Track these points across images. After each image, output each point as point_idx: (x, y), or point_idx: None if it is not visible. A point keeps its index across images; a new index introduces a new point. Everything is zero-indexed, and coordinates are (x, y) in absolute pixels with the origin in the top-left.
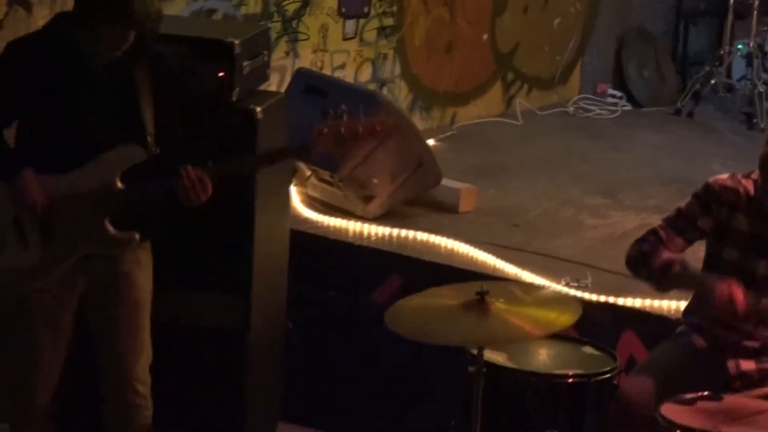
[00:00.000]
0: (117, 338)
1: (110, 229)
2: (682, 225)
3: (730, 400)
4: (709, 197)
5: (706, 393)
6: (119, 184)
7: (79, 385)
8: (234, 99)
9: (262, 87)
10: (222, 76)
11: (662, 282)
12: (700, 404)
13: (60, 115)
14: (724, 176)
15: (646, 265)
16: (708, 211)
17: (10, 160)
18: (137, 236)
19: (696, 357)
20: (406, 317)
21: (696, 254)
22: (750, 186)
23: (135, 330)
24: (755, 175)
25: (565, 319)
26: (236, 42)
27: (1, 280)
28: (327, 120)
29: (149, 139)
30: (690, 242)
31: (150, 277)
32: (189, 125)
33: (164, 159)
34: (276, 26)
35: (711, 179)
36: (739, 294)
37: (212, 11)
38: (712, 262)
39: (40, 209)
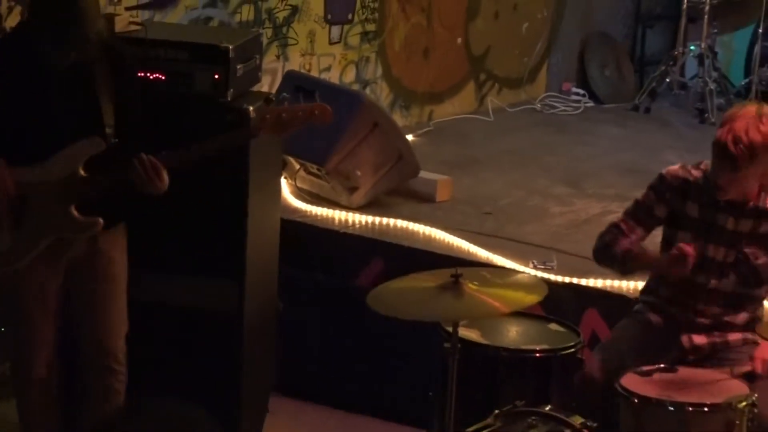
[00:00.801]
0: (96, 311)
1: (75, 214)
2: (640, 215)
3: (683, 371)
4: (662, 187)
5: (662, 365)
6: (82, 173)
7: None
8: (229, 99)
9: (255, 88)
10: (218, 78)
11: (625, 266)
12: (656, 376)
13: (27, 112)
14: (676, 167)
15: (610, 255)
16: (662, 200)
17: None
18: (101, 221)
19: (652, 333)
20: (387, 298)
21: None
22: (699, 175)
23: (113, 303)
24: (704, 166)
25: (531, 298)
26: (231, 47)
27: None
28: (269, 107)
29: (108, 131)
30: (649, 230)
31: (125, 256)
32: (181, 120)
33: (125, 149)
34: (267, 32)
35: (664, 170)
36: (688, 248)
37: (209, 19)
38: (667, 247)
39: (10, 197)
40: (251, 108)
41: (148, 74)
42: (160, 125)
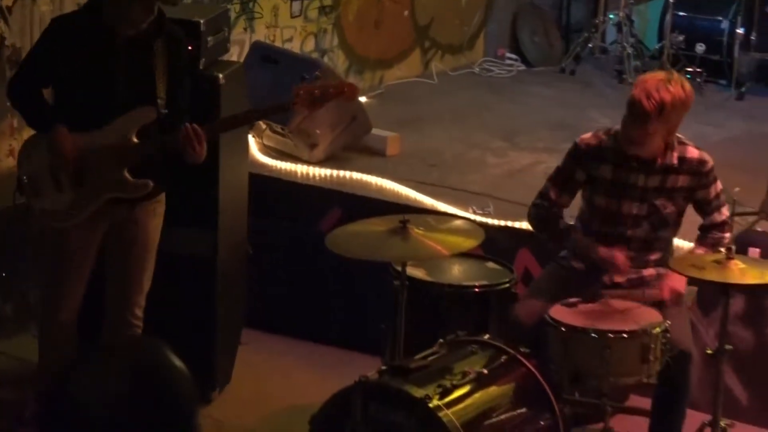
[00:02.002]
0: (125, 273)
1: (128, 177)
2: (563, 181)
3: (605, 303)
4: (578, 153)
5: (585, 298)
6: (135, 140)
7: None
8: (201, 68)
9: (224, 57)
10: (191, 49)
11: (562, 243)
12: (581, 307)
13: (90, 82)
14: (588, 135)
15: (548, 230)
16: (579, 165)
17: (48, 116)
18: (151, 184)
19: (575, 275)
20: (344, 241)
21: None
22: (610, 140)
23: (142, 266)
24: (613, 131)
25: (469, 243)
26: (202, 21)
27: (41, 219)
28: (303, 83)
29: (160, 102)
30: (573, 194)
31: (160, 225)
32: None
33: (173, 120)
34: (236, 7)
35: (578, 139)
36: (619, 258)
37: None
38: (587, 209)
39: (72, 160)
40: (221, 75)
41: None
42: None
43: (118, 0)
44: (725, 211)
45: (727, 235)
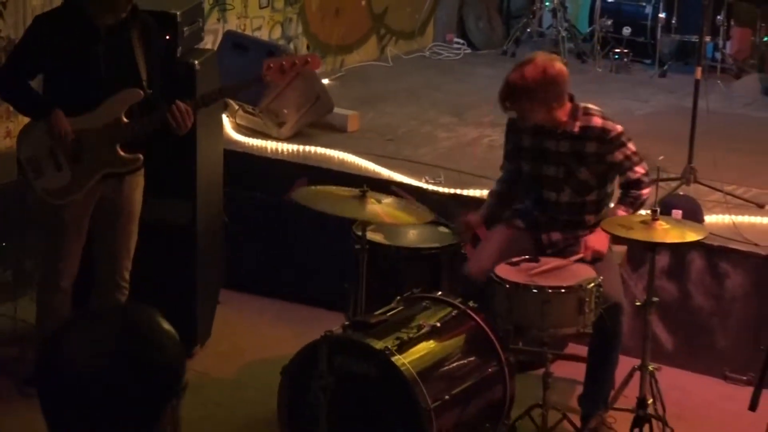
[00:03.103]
0: (115, 239)
1: (121, 153)
2: (507, 154)
3: (544, 260)
4: (508, 128)
5: (527, 257)
6: (125, 119)
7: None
8: (178, 55)
9: (199, 46)
10: (169, 38)
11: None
12: (523, 265)
13: (79, 69)
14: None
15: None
16: (510, 137)
17: (43, 103)
18: (141, 157)
19: (519, 234)
20: (309, 196)
21: None
22: None
23: (129, 233)
24: None
25: (412, 219)
26: (178, 13)
27: (43, 197)
28: (272, 58)
29: (144, 83)
30: (515, 161)
31: (141, 195)
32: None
33: (155, 98)
34: (209, 0)
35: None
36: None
37: None
38: (519, 176)
39: (69, 139)
40: (196, 62)
41: None
42: None
43: (95, 7)
44: (639, 170)
45: (645, 191)
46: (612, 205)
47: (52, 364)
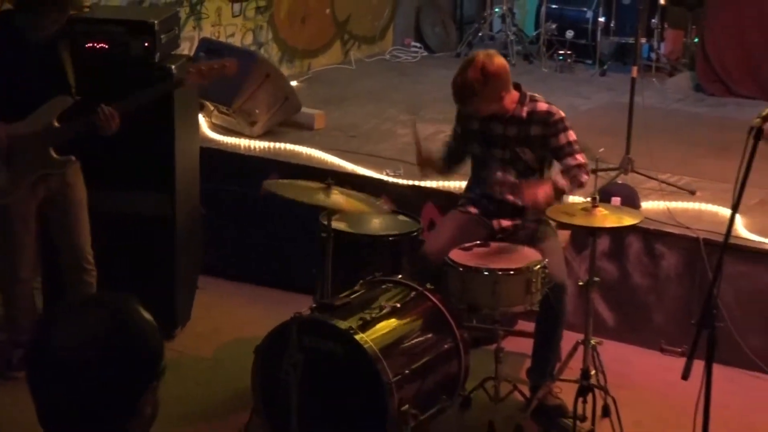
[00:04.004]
0: (71, 227)
1: (54, 155)
2: (454, 134)
3: (494, 245)
4: (459, 114)
5: (479, 242)
6: (56, 124)
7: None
8: (156, 60)
9: (176, 52)
10: (147, 45)
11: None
12: (476, 250)
13: (11, 80)
14: None
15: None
16: (460, 120)
17: None
18: (73, 158)
19: (471, 220)
20: (279, 185)
21: None
22: None
23: (82, 220)
24: None
25: (375, 210)
26: (156, 22)
27: None
28: (192, 63)
29: (72, 90)
30: (465, 145)
31: (83, 184)
32: (122, 77)
33: (85, 103)
34: (186, 9)
35: None
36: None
37: (142, 1)
38: (471, 157)
39: (4, 145)
40: (173, 66)
41: (96, 44)
42: (107, 81)
43: (35, 11)
44: (579, 158)
45: (584, 177)
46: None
47: (41, 350)
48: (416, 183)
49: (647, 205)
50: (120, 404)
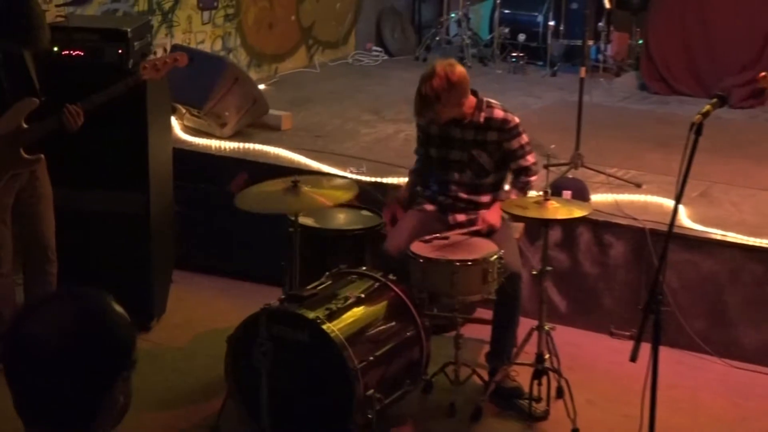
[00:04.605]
0: (38, 220)
1: (24, 155)
2: (420, 141)
3: (454, 238)
4: (420, 119)
5: (437, 235)
6: (24, 125)
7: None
8: (129, 67)
9: (149, 58)
10: (121, 52)
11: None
12: (435, 242)
13: None
14: None
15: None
16: (421, 126)
17: None
18: (42, 156)
19: (429, 216)
20: (249, 199)
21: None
22: None
23: (48, 213)
24: None
25: (346, 195)
26: (129, 30)
27: None
28: (145, 60)
29: (38, 92)
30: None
31: (49, 179)
32: (97, 82)
33: (50, 104)
34: (158, 18)
35: None
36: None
37: (115, 10)
38: (427, 160)
39: None
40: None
41: (72, 51)
42: (82, 86)
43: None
44: (530, 159)
45: (533, 178)
46: (507, 187)
47: (18, 341)
48: (379, 179)
49: (596, 197)
50: (93, 392)
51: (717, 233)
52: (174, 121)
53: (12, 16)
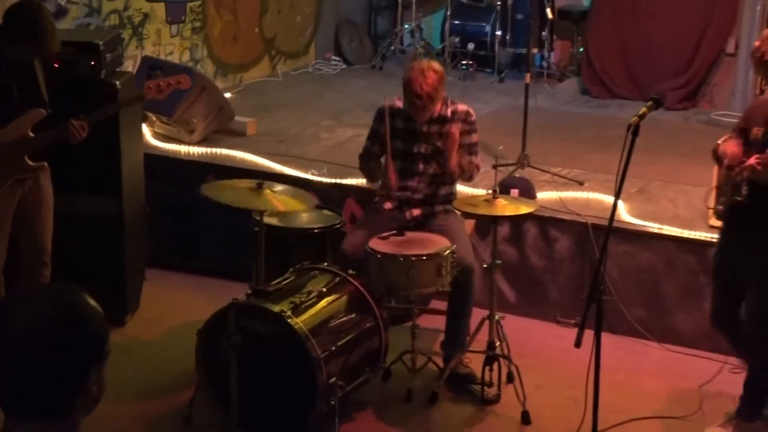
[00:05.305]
0: (38, 225)
1: (29, 162)
2: (373, 137)
3: (408, 234)
4: (379, 116)
5: (394, 231)
6: (31, 133)
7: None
8: (102, 77)
9: (120, 69)
10: (94, 63)
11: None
12: (392, 239)
13: None
14: (387, 101)
15: (370, 174)
16: (381, 123)
17: None
18: (46, 164)
19: (386, 213)
20: (215, 190)
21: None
22: (401, 103)
23: (48, 219)
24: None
25: (301, 206)
26: (101, 43)
27: None
28: (150, 80)
29: (46, 104)
30: (380, 142)
31: (51, 188)
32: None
33: (56, 116)
34: (129, 31)
35: (380, 105)
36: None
37: (89, 24)
38: (393, 152)
39: None
40: (117, 82)
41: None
42: (59, 96)
43: (16, 44)
44: (477, 159)
45: (475, 174)
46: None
47: None
48: (338, 180)
49: (542, 195)
50: (67, 383)
51: (654, 227)
52: (145, 128)
53: (23, 22)
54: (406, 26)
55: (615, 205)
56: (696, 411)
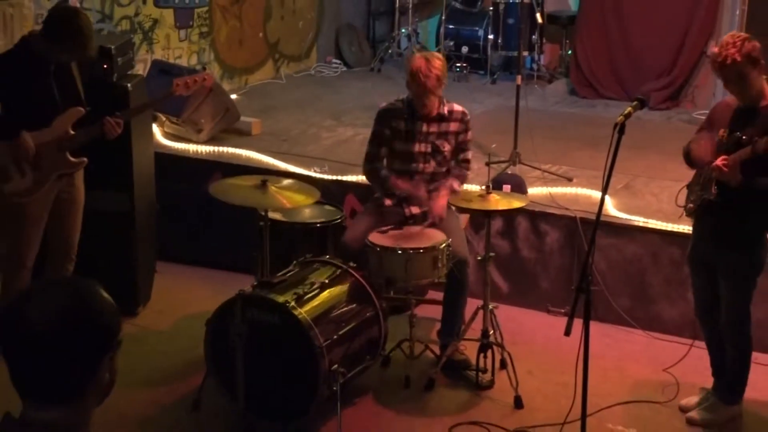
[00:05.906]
0: (67, 224)
1: (70, 158)
2: (377, 140)
3: (407, 229)
4: (380, 117)
5: (393, 226)
6: (71, 131)
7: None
8: (114, 80)
9: (131, 72)
10: (106, 67)
11: (383, 187)
12: (391, 233)
13: (35, 96)
14: (386, 103)
15: (375, 180)
16: (383, 125)
17: (9, 126)
18: (86, 160)
19: (386, 210)
20: (223, 190)
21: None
22: (401, 103)
23: (78, 218)
24: (404, 97)
25: (307, 200)
26: (113, 47)
27: (10, 197)
28: (178, 78)
29: (84, 102)
30: (387, 144)
31: (83, 188)
32: (86, 93)
33: (93, 114)
34: (139, 36)
35: (380, 107)
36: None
37: (101, 29)
38: (390, 154)
39: (32, 153)
40: (129, 85)
41: None
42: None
43: (57, 48)
44: (469, 154)
45: (467, 172)
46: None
47: (14, 323)
48: (339, 177)
49: (533, 191)
50: (81, 370)
51: (639, 221)
52: (155, 128)
53: (71, 26)
54: (403, 31)
55: (602, 200)
56: (678, 395)
